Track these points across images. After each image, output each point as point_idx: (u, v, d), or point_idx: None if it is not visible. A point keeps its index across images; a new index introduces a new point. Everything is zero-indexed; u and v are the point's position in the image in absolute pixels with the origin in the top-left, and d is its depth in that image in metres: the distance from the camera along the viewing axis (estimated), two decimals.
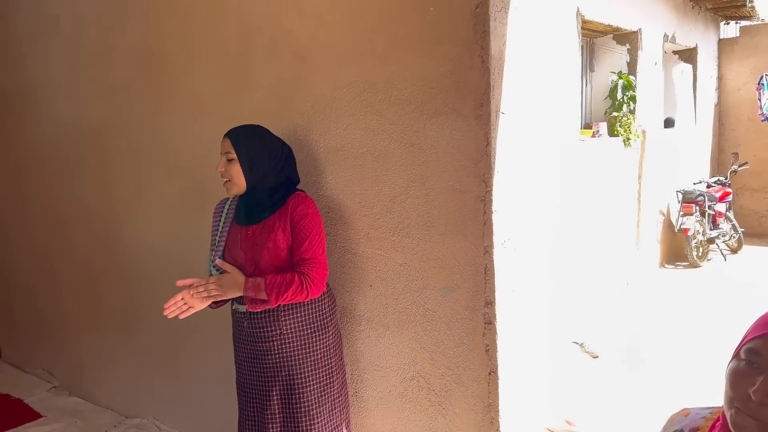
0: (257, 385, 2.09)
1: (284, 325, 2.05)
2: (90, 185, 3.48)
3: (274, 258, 2.03)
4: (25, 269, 4.11)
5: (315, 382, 2.09)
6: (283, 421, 2.08)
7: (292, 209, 2.06)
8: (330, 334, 2.15)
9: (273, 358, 2.06)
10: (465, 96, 1.93)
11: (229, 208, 2.17)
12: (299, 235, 2.03)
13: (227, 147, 2.06)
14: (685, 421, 1.09)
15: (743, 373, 0.89)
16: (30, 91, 3.79)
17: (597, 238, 4.96)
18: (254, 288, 1.98)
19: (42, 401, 3.69)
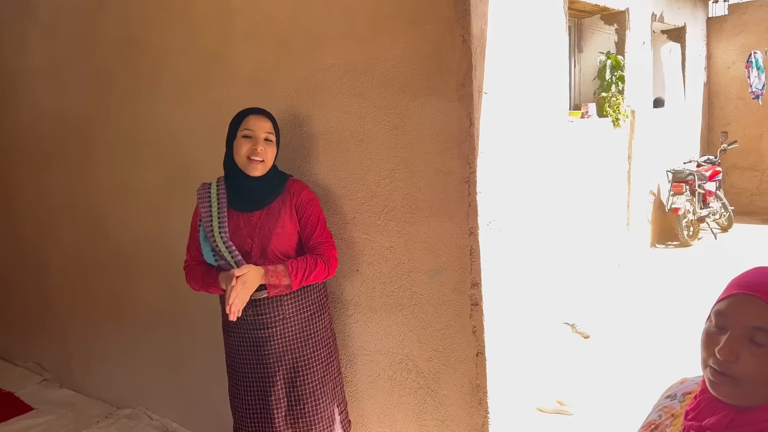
0: (259, 373, 2.07)
1: (287, 309, 2.05)
2: (74, 175, 3.44)
3: (282, 242, 2.03)
4: (11, 261, 4.08)
5: (317, 363, 2.10)
6: (288, 405, 2.08)
7: (295, 195, 2.07)
8: (326, 315, 2.18)
9: (275, 343, 2.05)
10: (447, 76, 1.91)
11: (218, 192, 2.09)
12: (309, 221, 2.07)
13: (268, 127, 2.03)
14: (680, 386, 1.12)
15: (712, 334, 0.95)
16: (9, 80, 3.74)
17: (587, 219, 4.96)
18: (275, 275, 1.97)
19: (33, 394, 3.68)
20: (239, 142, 2.02)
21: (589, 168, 5.01)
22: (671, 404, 1.09)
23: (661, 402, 1.12)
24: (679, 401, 1.08)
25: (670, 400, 1.10)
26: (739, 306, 0.92)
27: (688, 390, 1.09)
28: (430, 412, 2.14)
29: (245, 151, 2.00)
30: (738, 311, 0.92)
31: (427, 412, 2.15)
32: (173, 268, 2.97)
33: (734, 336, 0.91)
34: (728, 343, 0.91)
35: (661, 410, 1.09)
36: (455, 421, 2.08)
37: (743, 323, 0.91)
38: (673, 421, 1.05)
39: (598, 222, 5.22)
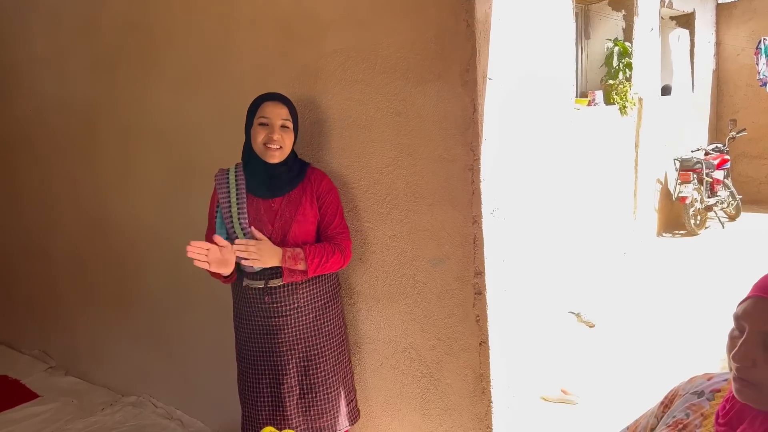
0: (272, 362, 2.07)
1: (301, 297, 2.05)
2: (78, 164, 3.43)
3: (302, 230, 2.02)
4: (17, 250, 4.09)
5: (330, 352, 2.11)
6: (300, 393, 2.08)
7: (316, 183, 2.07)
8: (338, 304, 2.19)
9: (289, 331, 2.05)
10: (450, 62, 1.88)
11: (237, 178, 2.08)
12: (329, 210, 2.07)
13: (284, 114, 2.01)
14: (707, 383, 1.08)
15: (733, 338, 0.92)
16: (14, 68, 3.72)
17: (593, 208, 4.93)
18: (293, 258, 1.96)
19: (39, 381, 3.70)
20: (256, 130, 2.00)
21: (595, 156, 4.97)
22: (699, 402, 1.05)
23: (688, 398, 1.08)
24: (707, 399, 1.05)
25: (698, 398, 1.06)
26: (754, 310, 0.90)
27: (717, 387, 1.05)
28: (434, 400, 2.13)
29: (261, 138, 1.99)
30: (752, 315, 0.90)
31: (431, 400, 2.14)
32: (178, 257, 2.96)
33: (748, 341, 0.89)
34: (742, 349, 0.89)
35: (689, 408, 1.05)
36: (458, 409, 2.07)
37: (757, 328, 0.88)
38: (704, 421, 1.02)
39: (604, 211, 5.18)
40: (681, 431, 1.03)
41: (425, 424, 2.17)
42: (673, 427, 1.05)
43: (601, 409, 3.00)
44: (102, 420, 3.19)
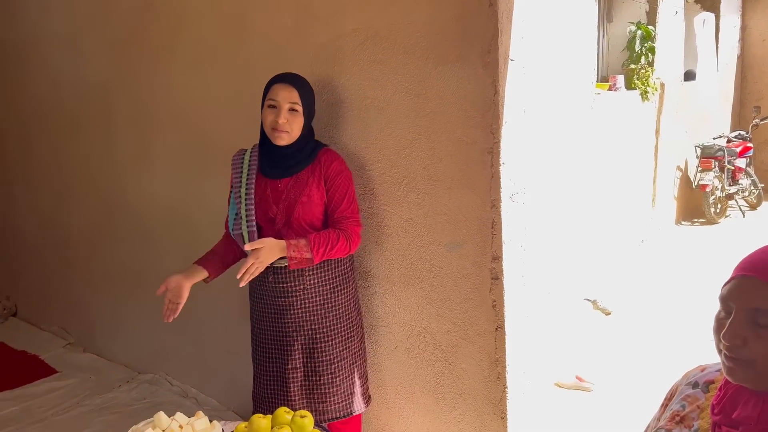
0: (278, 341, 2.08)
1: (308, 280, 2.04)
2: (94, 142, 3.45)
3: (307, 212, 2.00)
4: (35, 228, 4.13)
5: (336, 337, 2.09)
6: (304, 375, 2.08)
7: (325, 165, 2.03)
8: (350, 289, 2.15)
9: (295, 313, 2.04)
10: (472, 42, 1.85)
11: (251, 159, 2.08)
12: (337, 193, 2.03)
13: (293, 97, 1.97)
14: (701, 374, 1.09)
15: (720, 319, 0.94)
16: (30, 47, 3.73)
17: (611, 194, 4.87)
18: (297, 249, 1.95)
19: (57, 357, 3.74)
20: (265, 112, 1.99)
21: (614, 142, 4.89)
22: (694, 393, 1.06)
23: (683, 390, 1.09)
24: (702, 390, 1.06)
25: (692, 388, 1.07)
26: (739, 289, 0.91)
27: (711, 378, 1.06)
28: (448, 384, 2.13)
29: (269, 121, 1.97)
30: (738, 294, 0.91)
31: (445, 384, 2.14)
32: (192, 236, 2.97)
33: (737, 319, 0.90)
34: (731, 328, 0.90)
35: (684, 399, 1.06)
36: (473, 394, 2.07)
37: (744, 306, 0.90)
38: (701, 413, 1.02)
39: (623, 197, 5.11)
40: (679, 423, 1.04)
41: (439, 407, 2.17)
42: (671, 419, 1.06)
43: (616, 396, 2.98)
44: (119, 396, 3.22)
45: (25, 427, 2.95)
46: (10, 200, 4.28)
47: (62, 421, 3.01)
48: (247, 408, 2.73)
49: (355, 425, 2.22)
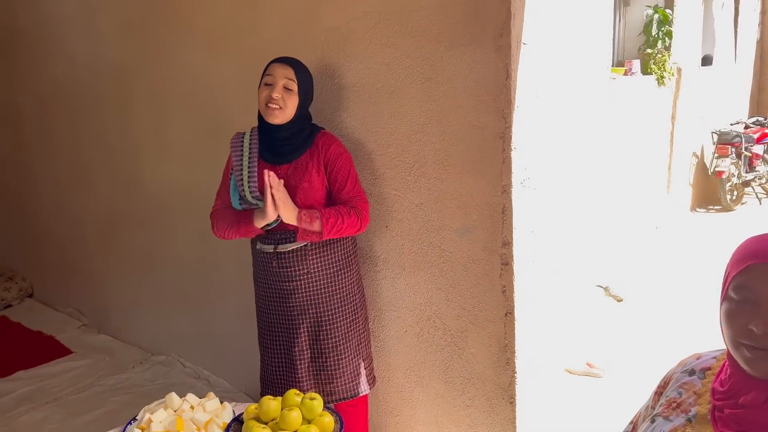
0: (284, 324, 2.10)
1: (311, 263, 2.05)
2: (109, 125, 3.47)
3: (308, 198, 2.01)
4: (52, 211, 4.17)
5: (341, 319, 2.11)
6: (311, 357, 2.10)
7: (323, 149, 2.04)
8: (353, 271, 2.17)
9: (300, 296, 2.06)
10: (484, 25, 1.83)
11: (251, 142, 2.08)
12: (339, 176, 2.03)
13: (289, 74, 1.98)
14: (696, 362, 1.09)
15: (737, 311, 0.91)
16: (46, 29, 3.75)
17: (626, 180, 4.82)
18: (309, 218, 1.95)
19: (72, 338, 3.80)
20: (261, 90, 2.01)
21: (630, 127, 4.84)
22: (691, 380, 1.06)
23: (679, 378, 1.09)
24: (699, 378, 1.05)
25: (689, 376, 1.07)
26: (763, 276, 0.89)
27: (707, 366, 1.06)
28: (457, 369, 2.13)
29: (263, 97, 1.98)
30: (763, 282, 0.88)
31: (454, 369, 2.14)
32: (206, 219, 2.98)
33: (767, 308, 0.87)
34: (764, 320, 0.87)
35: (681, 387, 1.06)
36: (482, 379, 2.07)
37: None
38: (698, 399, 1.02)
39: (637, 184, 5.07)
40: (675, 409, 1.04)
41: (448, 392, 2.18)
42: (667, 406, 1.06)
43: (626, 383, 2.98)
44: (132, 377, 3.27)
45: (41, 406, 3.01)
46: (28, 182, 4.33)
47: (77, 400, 3.06)
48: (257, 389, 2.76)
49: (362, 407, 2.24)
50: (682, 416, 1.02)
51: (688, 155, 6.07)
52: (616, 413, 2.72)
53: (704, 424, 0.98)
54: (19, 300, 4.45)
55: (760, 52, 7.63)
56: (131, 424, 1.68)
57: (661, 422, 1.05)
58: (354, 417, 2.22)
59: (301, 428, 1.56)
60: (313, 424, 1.58)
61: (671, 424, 1.03)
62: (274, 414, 1.60)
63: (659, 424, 1.05)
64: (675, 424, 1.02)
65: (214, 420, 1.68)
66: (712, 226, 5.74)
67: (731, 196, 6.19)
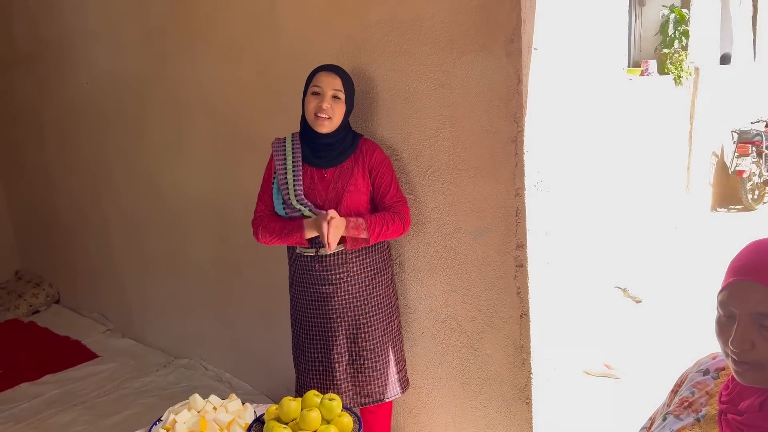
0: (323, 328, 2.13)
1: (351, 267, 2.09)
2: (130, 134, 3.55)
3: (354, 201, 2.05)
4: (75, 218, 4.27)
5: (378, 321, 2.15)
6: (349, 359, 2.14)
7: (368, 154, 2.09)
8: (389, 275, 2.21)
9: (339, 299, 2.10)
10: (495, 31, 1.86)
11: (293, 147, 2.11)
12: (383, 181, 2.09)
13: (337, 84, 2.02)
14: (712, 362, 1.11)
15: (722, 324, 0.94)
16: (69, 41, 3.85)
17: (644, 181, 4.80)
18: (356, 228, 2.01)
19: (98, 342, 3.89)
20: (308, 99, 2.04)
21: (647, 128, 4.81)
22: (704, 380, 1.08)
23: (694, 377, 1.10)
24: (712, 377, 1.07)
25: (703, 375, 1.09)
26: (739, 294, 0.91)
27: (722, 366, 1.07)
28: (473, 370, 2.16)
29: (312, 107, 2.02)
30: (740, 300, 0.91)
31: (470, 370, 2.17)
32: (225, 224, 3.06)
33: (742, 325, 0.90)
34: (739, 334, 0.90)
35: (694, 386, 1.08)
36: (498, 380, 2.10)
37: (748, 311, 0.90)
38: (709, 400, 1.04)
39: (656, 184, 5.04)
40: (687, 408, 1.06)
41: (465, 393, 2.20)
42: (679, 404, 1.07)
43: (645, 384, 2.97)
44: (156, 380, 3.34)
45: (68, 408, 3.09)
46: (52, 190, 4.44)
47: (103, 403, 3.14)
48: (278, 392, 2.81)
49: (387, 409, 2.28)
50: (693, 416, 1.04)
51: (707, 155, 6.01)
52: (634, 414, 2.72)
53: (712, 425, 1.00)
54: (46, 306, 4.57)
55: None
56: (156, 425, 1.74)
57: (672, 420, 1.07)
58: (380, 418, 2.26)
59: (320, 428, 1.60)
60: (332, 424, 1.62)
61: (681, 423, 1.04)
62: (294, 414, 1.64)
63: (670, 423, 1.07)
64: (684, 423, 1.04)
65: (236, 420, 1.73)
66: (733, 225, 5.68)
67: (752, 195, 6.12)
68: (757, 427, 0.91)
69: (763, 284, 0.88)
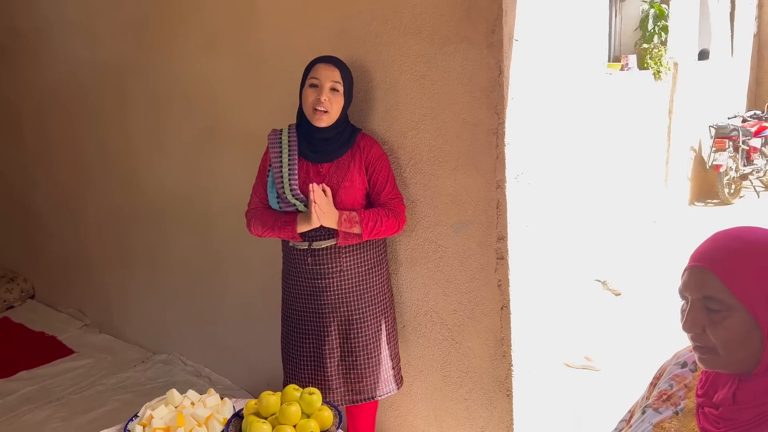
0: (315, 322, 2.10)
1: (345, 261, 2.05)
2: (109, 127, 3.49)
3: (349, 197, 2.02)
4: (52, 211, 4.19)
5: (372, 317, 2.11)
6: (341, 355, 2.11)
7: (365, 150, 2.05)
8: (384, 271, 2.18)
9: (332, 294, 2.06)
10: (476, 23, 1.85)
11: (289, 139, 2.06)
12: (380, 178, 2.05)
13: (335, 76, 1.97)
14: (689, 354, 1.11)
15: (683, 311, 0.97)
16: (46, 32, 3.77)
17: (623, 175, 4.84)
18: (349, 221, 1.97)
19: (74, 338, 3.82)
20: (306, 92, 1.99)
21: (627, 122, 4.85)
22: (682, 372, 1.08)
23: (672, 370, 1.11)
24: (690, 370, 1.08)
25: (681, 368, 1.10)
26: (690, 279, 0.95)
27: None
28: (454, 363, 2.16)
29: (311, 101, 1.97)
30: (690, 285, 0.95)
31: (451, 363, 2.17)
32: (205, 219, 3.02)
33: (693, 309, 0.94)
34: (689, 318, 0.94)
35: (673, 379, 1.09)
36: (479, 372, 2.10)
37: (697, 295, 0.93)
38: (687, 393, 1.05)
39: (635, 178, 5.09)
40: (665, 401, 1.06)
41: (446, 385, 2.20)
42: (658, 397, 1.08)
43: (624, 376, 3.00)
44: (134, 376, 3.30)
45: (43, 405, 3.03)
46: (28, 183, 4.35)
47: (79, 399, 3.08)
48: (259, 387, 2.79)
49: (372, 403, 2.25)
50: (672, 409, 1.04)
51: (686, 149, 6.08)
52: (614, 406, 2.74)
53: (690, 418, 1.01)
54: (20, 301, 4.47)
55: (756, 45, 7.65)
56: (133, 421, 1.71)
57: (651, 414, 1.07)
58: (365, 412, 2.25)
59: (300, 423, 1.58)
60: (312, 418, 1.60)
61: (660, 416, 1.05)
62: (274, 409, 1.62)
63: (649, 416, 1.07)
64: (663, 416, 1.04)
65: (214, 416, 1.71)
66: (710, 219, 5.76)
67: (729, 190, 6.21)
68: (733, 420, 0.92)
69: (711, 269, 0.92)
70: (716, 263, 0.92)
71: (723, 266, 0.91)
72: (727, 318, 0.90)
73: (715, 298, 0.91)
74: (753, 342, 0.90)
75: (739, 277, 0.90)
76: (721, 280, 0.91)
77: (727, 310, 0.90)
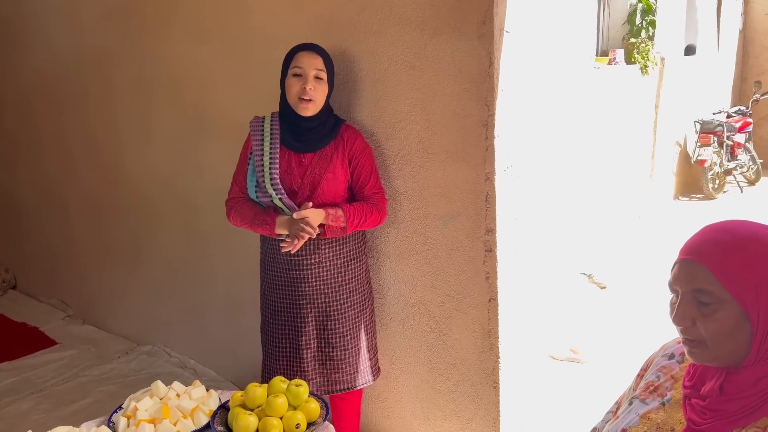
0: (292, 313, 2.08)
1: (323, 253, 2.04)
2: (92, 115, 3.44)
3: (331, 188, 2.00)
4: (35, 202, 4.14)
5: (350, 309, 2.10)
6: (317, 346, 2.10)
7: (349, 142, 2.03)
8: (363, 263, 2.17)
9: (310, 285, 2.05)
10: (467, 13, 1.83)
11: (272, 128, 2.03)
12: (363, 171, 2.04)
13: (318, 64, 1.95)
14: (677, 346, 1.12)
15: (672, 304, 0.97)
16: (30, 19, 3.70)
17: (609, 169, 4.87)
18: (335, 218, 1.97)
19: (57, 329, 3.78)
20: (290, 81, 1.95)
21: (613, 116, 4.87)
22: (669, 364, 1.09)
23: (659, 361, 1.11)
24: (677, 361, 1.08)
25: (668, 360, 1.10)
26: (680, 272, 0.95)
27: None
28: (442, 355, 2.16)
29: (295, 90, 1.94)
30: (680, 278, 0.95)
31: (439, 355, 2.17)
32: (190, 209, 2.99)
33: (683, 302, 0.94)
34: (679, 311, 0.94)
35: (660, 370, 1.09)
36: (466, 364, 2.10)
37: (687, 288, 0.94)
38: (674, 384, 1.05)
39: (621, 172, 5.11)
40: (652, 393, 1.07)
41: (433, 378, 2.20)
42: (645, 389, 1.09)
43: (609, 369, 3.02)
44: (118, 367, 3.27)
45: (26, 397, 3.00)
46: (11, 172, 4.28)
47: (62, 391, 3.05)
48: (245, 379, 2.77)
49: (356, 395, 2.26)
50: (658, 400, 1.05)
51: (671, 144, 6.12)
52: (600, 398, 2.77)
53: (677, 409, 1.01)
54: (2, 292, 4.42)
55: (742, 41, 7.70)
56: (117, 412, 1.69)
57: (638, 405, 1.07)
58: (349, 404, 2.25)
59: (287, 414, 1.57)
60: (299, 410, 1.59)
61: (647, 407, 1.05)
62: (260, 401, 1.61)
63: (636, 407, 1.07)
64: (650, 407, 1.05)
65: (200, 407, 1.69)
66: (694, 214, 5.81)
67: (713, 185, 6.26)
68: (721, 411, 0.93)
69: (702, 262, 0.92)
70: (707, 256, 0.92)
71: (714, 259, 0.92)
72: (718, 311, 0.91)
73: (707, 290, 0.91)
74: (742, 334, 0.90)
75: (730, 270, 0.90)
76: (712, 273, 0.91)
77: (718, 303, 0.91)
